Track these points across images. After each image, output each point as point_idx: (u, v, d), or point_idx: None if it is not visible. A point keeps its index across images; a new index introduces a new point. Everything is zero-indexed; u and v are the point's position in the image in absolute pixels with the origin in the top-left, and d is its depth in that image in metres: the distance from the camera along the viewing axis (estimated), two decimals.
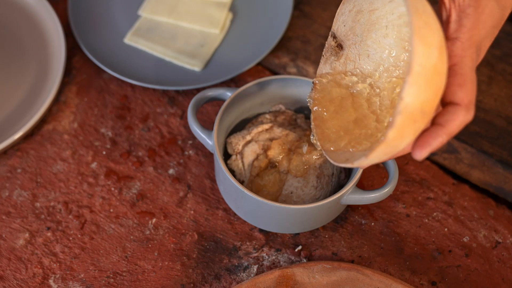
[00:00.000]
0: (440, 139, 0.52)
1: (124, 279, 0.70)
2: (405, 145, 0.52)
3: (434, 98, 0.50)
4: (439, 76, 0.50)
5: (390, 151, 0.52)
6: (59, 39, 0.82)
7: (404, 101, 0.49)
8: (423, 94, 0.49)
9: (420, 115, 0.50)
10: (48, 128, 0.79)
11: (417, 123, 0.50)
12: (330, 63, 0.64)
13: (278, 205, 0.66)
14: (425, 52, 0.49)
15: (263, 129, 0.72)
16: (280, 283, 0.67)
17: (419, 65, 0.48)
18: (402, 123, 0.50)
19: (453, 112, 0.52)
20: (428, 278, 0.71)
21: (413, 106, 0.49)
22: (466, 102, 0.52)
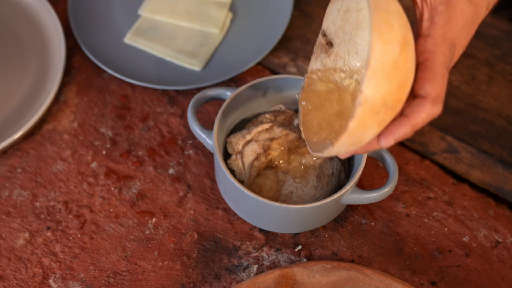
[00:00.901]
0: (403, 129, 0.54)
1: (124, 278, 0.70)
2: (370, 136, 0.54)
3: (397, 92, 0.53)
4: (400, 71, 0.52)
5: (355, 141, 0.54)
6: (59, 39, 0.82)
7: (364, 94, 0.51)
8: (383, 87, 0.52)
9: (383, 108, 0.52)
10: (48, 128, 0.79)
11: (380, 114, 0.53)
12: (320, 59, 0.66)
13: (278, 205, 0.66)
14: (383, 48, 0.51)
15: (263, 129, 0.72)
16: (280, 282, 0.67)
17: (376, 60, 0.51)
18: (362, 114, 0.52)
19: (419, 104, 0.54)
20: (428, 278, 0.71)
21: (373, 99, 0.51)
22: (433, 96, 0.54)
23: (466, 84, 0.82)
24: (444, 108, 0.80)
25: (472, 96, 0.82)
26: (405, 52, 0.52)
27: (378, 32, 0.51)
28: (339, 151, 0.56)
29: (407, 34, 0.53)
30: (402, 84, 0.53)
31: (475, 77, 0.83)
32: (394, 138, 0.54)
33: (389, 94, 0.52)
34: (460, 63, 0.84)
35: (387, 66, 0.51)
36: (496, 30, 0.86)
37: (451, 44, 0.56)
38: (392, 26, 0.52)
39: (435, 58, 0.55)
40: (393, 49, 0.51)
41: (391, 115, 0.54)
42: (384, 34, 0.51)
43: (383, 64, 0.51)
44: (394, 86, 0.52)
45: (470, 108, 0.81)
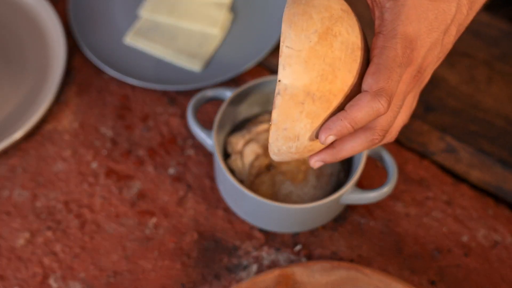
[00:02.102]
0: (339, 123, 0.52)
1: (124, 278, 0.70)
2: (304, 130, 0.53)
3: (322, 82, 0.52)
4: (323, 60, 0.51)
5: (289, 135, 0.53)
6: (59, 39, 0.82)
7: (282, 83, 0.51)
8: (302, 76, 0.51)
9: (307, 97, 0.52)
10: (48, 128, 0.79)
11: (306, 105, 0.52)
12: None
13: (278, 205, 0.66)
14: (295, 36, 0.51)
15: (263, 129, 0.73)
16: (279, 282, 0.67)
17: (288, 48, 0.51)
18: (284, 104, 0.52)
19: (358, 98, 0.52)
20: (427, 278, 0.71)
21: (293, 88, 0.51)
22: (374, 89, 0.52)
23: (465, 84, 0.83)
24: (443, 108, 0.80)
25: (471, 96, 0.82)
26: (328, 41, 0.52)
27: (290, 21, 0.51)
28: (277, 147, 0.55)
29: (333, 26, 0.52)
30: (330, 74, 0.52)
31: (474, 77, 0.83)
32: (331, 132, 0.52)
33: (312, 83, 0.51)
34: (459, 63, 0.84)
35: (302, 54, 0.51)
36: (495, 30, 0.86)
37: (405, 39, 0.53)
38: (310, 16, 0.51)
39: (383, 53, 0.53)
40: (308, 38, 0.51)
41: (324, 108, 0.52)
42: (298, 23, 0.51)
43: (297, 52, 0.51)
44: (317, 75, 0.51)
45: (469, 108, 0.81)
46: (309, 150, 0.55)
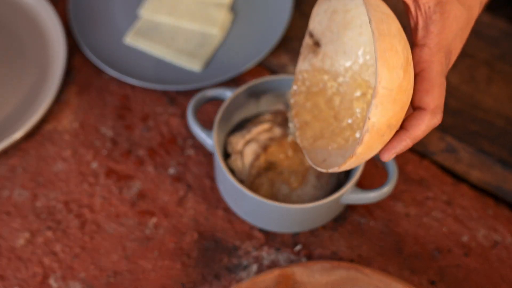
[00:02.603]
0: (404, 143, 0.55)
1: (124, 278, 0.71)
2: (374, 154, 0.56)
3: (400, 112, 0.53)
4: (404, 93, 0.53)
5: (360, 161, 0.56)
6: (59, 38, 0.82)
7: (371, 121, 0.52)
8: (389, 112, 0.52)
9: (387, 130, 0.53)
10: (48, 128, 0.79)
11: (384, 136, 0.54)
12: (308, 60, 0.66)
13: (278, 205, 0.66)
14: (389, 75, 0.51)
15: (263, 129, 0.73)
16: (279, 282, 0.67)
17: (384, 88, 0.51)
18: (369, 140, 0.53)
19: (419, 118, 0.55)
20: (427, 277, 0.71)
21: (379, 123, 0.52)
22: (432, 107, 0.54)
23: (465, 84, 0.83)
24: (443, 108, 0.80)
25: (471, 96, 0.82)
26: (408, 73, 0.53)
27: (384, 59, 0.51)
28: (344, 169, 0.57)
29: (408, 54, 0.53)
30: (405, 104, 0.53)
31: (474, 77, 0.83)
32: (395, 152, 0.55)
33: (394, 116, 0.53)
34: (459, 63, 0.84)
35: (393, 92, 0.52)
36: (495, 30, 0.86)
37: (447, 51, 0.56)
38: (396, 50, 0.52)
39: (432, 68, 0.55)
40: (398, 74, 0.52)
41: (393, 133, 0.55)
42: (389, 60, 0.51)
43: (390, 91, 0.51)
44: (399, 108, 0.53)
45: (469, 108, 0.81)
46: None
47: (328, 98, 0.66)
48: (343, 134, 0.65)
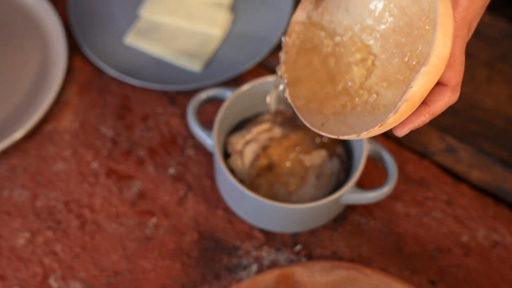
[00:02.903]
0: (422, 118, 0.53)
1: (124, 278, 0.71)
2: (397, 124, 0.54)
3: (432, 85, 0.51)
4: (445, 64, 0.50)
5: (384, 130, 0.53)
6: (59, 38, 0.82)
7: (412, 90, 0.49)
8: (429, 83, 0.50)
9: (419, 101, 0.51)
10: (48, 128, 0.79)
11: (415, 108, 0.51)
12: (307, 11, 0.61)
13: (278, 205, 0.66)
14: (444, 43, 0.49)
15: (263, 129, 0.73)
16: (279, 282, 0.67)
17: (436, 57, 0.49)
18: (404, 110, 0.50)
19: (439, 93, 0.53)
20: (427, 277, 0.71)
21: (418, 94, 0.50)
22: (453, 84, 0.53)
23: (465, 84, 0.83)
24: None
25: (471, 96, 0.82)
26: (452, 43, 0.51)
27: (443, 25, 0.48)
28: (362, 138, 0.54)
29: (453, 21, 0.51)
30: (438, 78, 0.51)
31: (474, 77, 0.83)
32: (413, 127, 0.54)
33: (429, 88, 0.51)
34: None
35: (441, 62, 0.49)
36: (496, 30, 0.86)
37: (469, 28, 0.54)
38: (452, 17, 0.49)
39: (456, 44, 0.53)
40: (449, 44, 0.49)
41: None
42: (446, 28, 0.49)
43: (439, 60, 0.49)
44: (436, 79, 0.50)
45: (469, 108, 0.81)
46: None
47: (322, 57, 0.62)
48: (338, 98, 0.60)
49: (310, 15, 0.61)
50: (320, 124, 0.58)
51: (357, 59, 0.61)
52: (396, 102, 0.54)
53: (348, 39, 0.61)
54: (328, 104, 0.60)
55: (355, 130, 0.55)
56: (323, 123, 0.58)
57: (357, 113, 0.59)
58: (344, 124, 0.58)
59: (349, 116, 0.59)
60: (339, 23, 0.60)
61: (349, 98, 0.60)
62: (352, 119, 0.58)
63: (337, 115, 0.59)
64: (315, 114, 0.59)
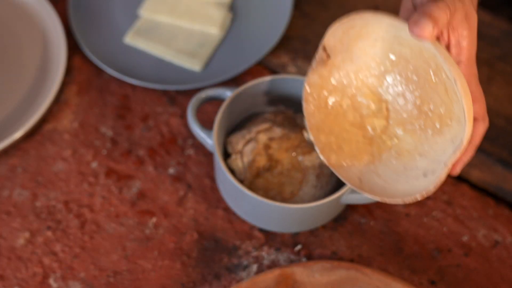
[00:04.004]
0: (470, 154, 0.61)
1: (124, 278, 0.70)
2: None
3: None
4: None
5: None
6: (59, 38, 0.82)
7: (448, 167, 0.58)
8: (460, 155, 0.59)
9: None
10: (48, 128, 0.79)
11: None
12: (318, 71, 0.66)
13: (278, 205, 0.66)
14: (469, 129, 0.56)
15: (263, 129, 0.73)
16: (279, 282, 0.67)
17: (467, 140, 0.57)
18: (443, 177, 0.59)
19: (475, 128, 0.59)
20: (427, 277, 0.71)
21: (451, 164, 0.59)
22: (481, 115, 0.59)
23: None
24: None
25: None
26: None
27: (470, 117, 0.56)
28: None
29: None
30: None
31: None
32: (463, 164, 0.61)
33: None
34: None
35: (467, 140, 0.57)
36: (496, 30, 0.86)
37: (474, 58, 0.59)
38: (471, 100, 0.56)
39: (471, 81, 0.58)
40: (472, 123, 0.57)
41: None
42: (470, 115, 0.56)
43: (467, 141, 0.57)
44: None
45: None
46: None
47: (343, 113, 0.67)
48: (366, 149, 0.66)
49: (320, 73, 0.66)
50: (358, 180, 0.64)
51: (372, 108, 0.66)
52: (417, 146, 0.63)
53: (356, 89, 0.66)
54: (358, 156, 0.66)
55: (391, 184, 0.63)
56: (359, 177, 0.65)
57: (384, 161, 0.65)
58: (377, 176, 0.64)
59: (378, 165, 0.65)
60: (346, 70, 0.66)
61: (377, 148, 0.66)
62: (382, 168, 0.65)
63: (368, 165, 0.65)
64: (349, 170, 0.66)
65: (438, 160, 0.61)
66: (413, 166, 0.63)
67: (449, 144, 0.61)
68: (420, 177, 0.62)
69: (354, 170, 0.65)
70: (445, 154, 0.61)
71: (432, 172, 0.61)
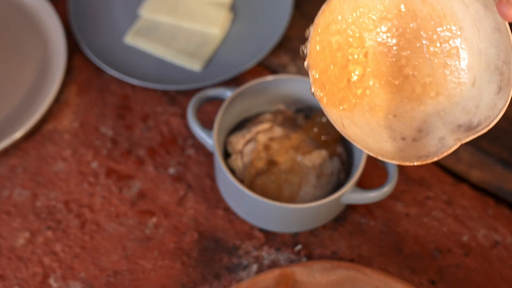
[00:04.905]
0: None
1: (124, 278, 0.70)
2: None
3: None
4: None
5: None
6: (59, 38, 0.82)
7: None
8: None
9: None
10: (48, 128, 0.79)
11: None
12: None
13: (278, 204, 0.66)
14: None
15: (263, 129, 0.73)
16: (280, 282, 0.67)
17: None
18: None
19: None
20: (427, 277, 0.71)
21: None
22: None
23: None
24: None
25: None
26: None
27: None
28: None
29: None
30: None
31: None
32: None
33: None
34: None
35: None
36: None
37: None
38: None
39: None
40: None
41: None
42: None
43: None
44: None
45: None
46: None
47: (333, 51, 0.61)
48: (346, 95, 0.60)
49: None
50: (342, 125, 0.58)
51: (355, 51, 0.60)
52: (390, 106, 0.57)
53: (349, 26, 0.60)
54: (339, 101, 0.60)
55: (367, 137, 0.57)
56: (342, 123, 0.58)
57: (358, 111, 0.59)
58: (354, 124, 0.58)
59: (355, 115, 0.59)
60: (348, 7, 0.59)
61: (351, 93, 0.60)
62: (357, 118, 0.59)
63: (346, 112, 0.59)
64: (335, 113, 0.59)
65: (413, 127, 0.56)
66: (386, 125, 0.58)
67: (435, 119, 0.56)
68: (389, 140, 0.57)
69: (337, 114, 0.59)
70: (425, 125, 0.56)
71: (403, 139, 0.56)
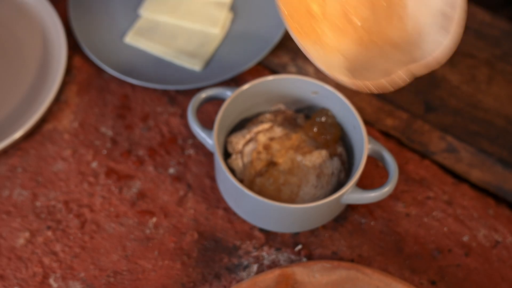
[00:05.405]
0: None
1: (124, 278, 0.70)
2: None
3: None
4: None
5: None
6: (59, 38, 0.82)
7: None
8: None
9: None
10: (48, 128, 0.79)
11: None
12: None
13: (278, 204, 0.66)
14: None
15: (263, 129, 0.73)
16: (280, 282, 0.67)
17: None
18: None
19: None
20: (427, 277, 0.71)
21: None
22: None
23: (466, 84, 0.83)
24: (444, 108, 0.80)
25: (472, 96, 0.82)
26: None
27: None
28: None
29: None
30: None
31: (475, 77, 0.83)
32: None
33: None
34: (460, 63, 0.84)
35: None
36: (496, 30, 0.86)
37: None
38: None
39: None
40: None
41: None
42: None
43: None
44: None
45: (469, 107, 0.81)
46: None
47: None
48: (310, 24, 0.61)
49: None
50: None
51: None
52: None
53: None
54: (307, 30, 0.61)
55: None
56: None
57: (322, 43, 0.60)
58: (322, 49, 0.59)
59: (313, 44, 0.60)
60: None
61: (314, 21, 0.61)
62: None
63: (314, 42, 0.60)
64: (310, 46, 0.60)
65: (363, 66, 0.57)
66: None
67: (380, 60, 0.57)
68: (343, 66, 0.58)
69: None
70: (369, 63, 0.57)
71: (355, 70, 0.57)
